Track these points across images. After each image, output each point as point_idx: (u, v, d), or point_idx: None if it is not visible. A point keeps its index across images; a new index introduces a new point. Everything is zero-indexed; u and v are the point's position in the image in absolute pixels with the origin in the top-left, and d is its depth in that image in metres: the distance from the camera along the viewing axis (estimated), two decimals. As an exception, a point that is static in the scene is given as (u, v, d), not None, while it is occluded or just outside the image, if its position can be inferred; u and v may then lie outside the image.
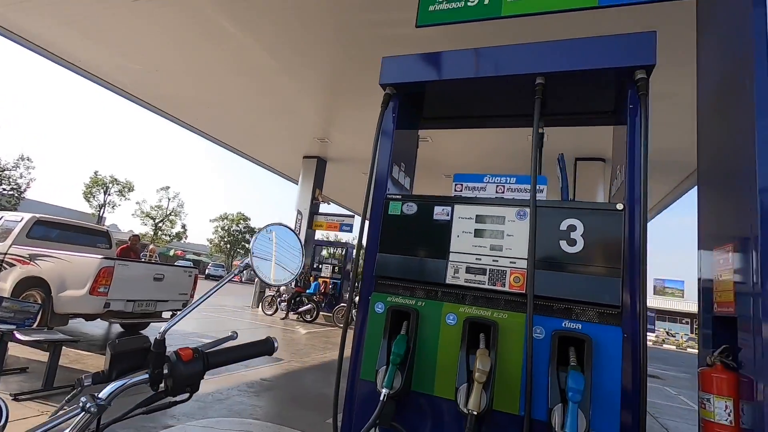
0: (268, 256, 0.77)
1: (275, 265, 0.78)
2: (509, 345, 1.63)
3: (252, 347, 0.76)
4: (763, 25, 1.48)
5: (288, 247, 0.81)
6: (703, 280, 1.86)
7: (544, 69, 1.71)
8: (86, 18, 7.13)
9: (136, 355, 0.69)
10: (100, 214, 41.19)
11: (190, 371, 0.72)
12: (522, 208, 1.73)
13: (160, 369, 0.71)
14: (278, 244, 0.78)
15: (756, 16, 1.47)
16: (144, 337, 0.72)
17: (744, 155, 1.53)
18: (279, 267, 0.79)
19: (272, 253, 0.77)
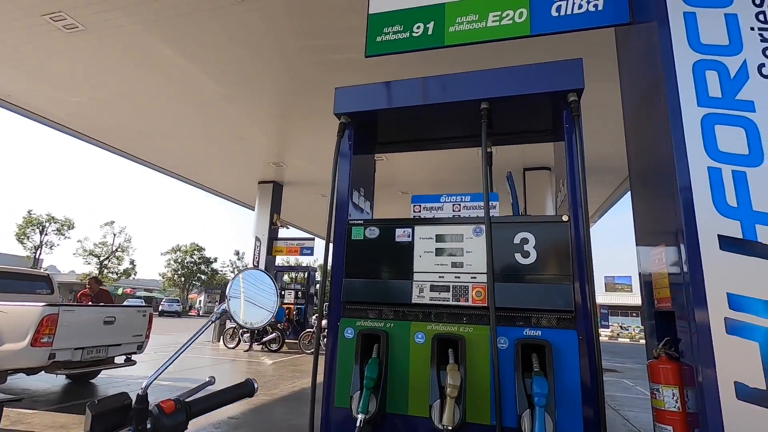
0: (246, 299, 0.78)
1: (251, 306, 0.79)
2: (476, 357, 1.70)
3: (232, 391, 0.76)
4: (669, 52, 1.69)
5: (263, 287, 0.83)
6: (643, 275, 2.03)
7: (488, 95, 1.85)
8: (17, 52, 6.74)
9: (117, 414, 0.68)
10: (36, 256, 38.10)
11: (173, 423, 0.71)
12: (478, 225, 1.83)
13: (144, 425, 0.70)
14: (253, 285, 0.80)
15: (662, 47, 1.68)
16: (124, 393, 0.71)
17: (665, 159, 1.72)
18: (256, 308, 0.81)
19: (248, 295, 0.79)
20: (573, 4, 2.14)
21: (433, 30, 2.33)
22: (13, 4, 5.66)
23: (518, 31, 2.20)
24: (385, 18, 2.44)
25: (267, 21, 5.86)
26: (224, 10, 5.67)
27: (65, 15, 5.79)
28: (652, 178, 1.92)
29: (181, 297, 51.26)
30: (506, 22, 2.22)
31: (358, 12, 5.54)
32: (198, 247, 54.17)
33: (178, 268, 52.97)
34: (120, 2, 5.56)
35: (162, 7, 5.63)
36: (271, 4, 5.49)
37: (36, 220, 38.28)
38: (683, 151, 1.60)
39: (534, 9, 2.19)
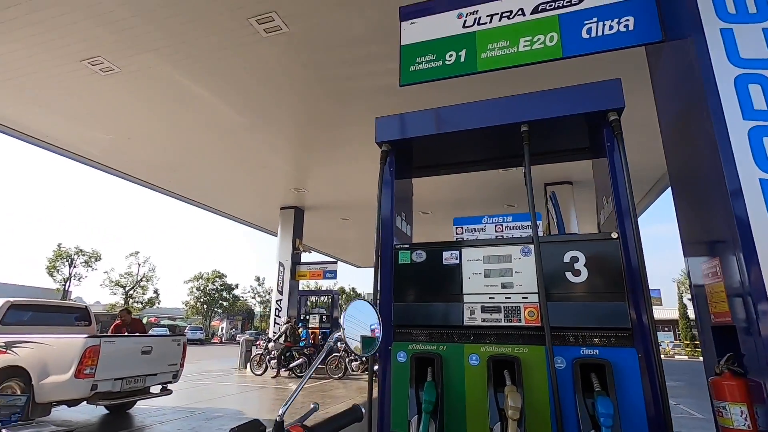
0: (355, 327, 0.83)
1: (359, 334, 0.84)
2: (534, 379, 1.70)
3: (345, 417, 0.80)
4: (708, 68, 1.72)
5: (367, 316, 0.87)
6: (695, 287, 2.00)
7: (528, 117, 1.90)
8: (56, 95, 7.16)
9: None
10: (66, 288, 39.15)
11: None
12: (526, 245, 1.84)
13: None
14: (360, 314, 0.85)
15: (701, 64, 1.71)
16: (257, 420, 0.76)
17: (712, 172, 1.72)
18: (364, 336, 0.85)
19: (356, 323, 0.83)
20: (603, 25, 2.19)
21: (466, 57, 2.41)
22: (53, 53, 6.05)
23: (550, 55, 2.26)
24: (417, 48, 2.54)
25: (287, 55, 6.10)
26: (248, 47, 5.93)
27: (102, 59, 6.15)
28: (698, 191, 1.92)
29: (204, 324, 51.69)
30: (537, 47, 2.29)
31: (377, 41, 5.73)
32: (220, 274, 54.87)
33: (201, 295, 53.63)
34: (152, 45, 5.89)
35: (189, 47, 5.93)
36: (291, 39, 5.73)
37: (65, 253, 39.49)
38: (732, 164, 1.61)
39: (564, 32, 2.25)
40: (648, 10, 2.14)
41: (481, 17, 2.45)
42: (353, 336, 0.83)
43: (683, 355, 29.84)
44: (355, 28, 5.52)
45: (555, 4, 2.33)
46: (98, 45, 5.86)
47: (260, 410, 7.47)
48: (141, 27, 5.50)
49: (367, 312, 0.89)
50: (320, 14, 5.28)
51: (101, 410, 6.55)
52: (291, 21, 5.37)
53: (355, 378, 11.66)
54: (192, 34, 5.63)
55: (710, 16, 1.79)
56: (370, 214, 14.17)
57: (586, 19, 2.23)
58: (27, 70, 6.47)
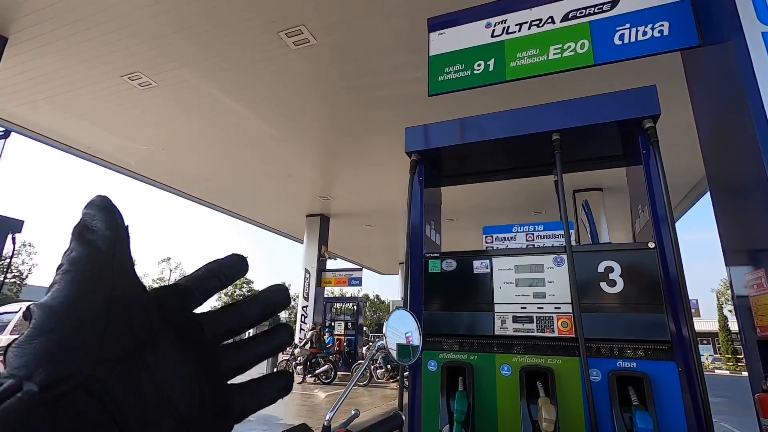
0: (396, 336, 0.85)
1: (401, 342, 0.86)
2: (568, 390, 1.67)
3: (386, 423, 0.82)
4: (750, 72, 1.67)
5: (408, 325, 0.89)
6: (738, 298, 1.92)
7: (560, 126, 1.88)
8: (97, 109, 7.56)
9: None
10: (102, 293, 40.73)
11: None
12: (558, 255, 1.82)
13: None
14: (402, 324, 0.87)
15: (742, 67, 1.67)
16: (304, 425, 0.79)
17: (756, 177, 1.67)
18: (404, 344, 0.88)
19: (398, 332, 0.86)
20: (637, 31, 2.16)
21: (494, 66, 2.42)
22: (96, 69, 6.39)
23: (581, 62, 2.25)
24: (445, 58, 2.56)
25: (316, 66, 6.24)
26: (278, 59, 6.10)
27: (141, 74, 6.45)
28: (740, 198, 1.85)
29: (232, 330, 52.56)
30: (568, 54, 2.27)
31: (403, 50, 5.80)
32: (247, 280, 55.98)
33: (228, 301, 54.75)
34: (187, 60, 6.14)
35: (223, 61, 6.15)
36: (320, 51, 5.86)
37: (102, 259, 41.16)
38: (777, 170, 1.55)
39: (596, 39, 2.23)
40: (684, 15, 2.10)
41: (509, 26, 2.45)
42: (394, 345, 0.85)
43: (724, 369, 28.30)
44: (382, 39, 5.60)
45: (586, 11, 2.31)
46: (138, 61, 6.16)
47: (287, 415, 7.55)
48: (178, 43, 5.75)
49: (406, 321, 0.90)
50: (348, 26, 5.38)
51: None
52: (319, 33, 5.51)
53: (381, 386, 11.63)
54: (225, 48, 5.85)
55: (751, 19, 1.74)
56: (394, 222, 14.20)
57: (618, 26, 2.21)
58: (71, 86, 6.85)
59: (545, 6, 2.41)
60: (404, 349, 0.86)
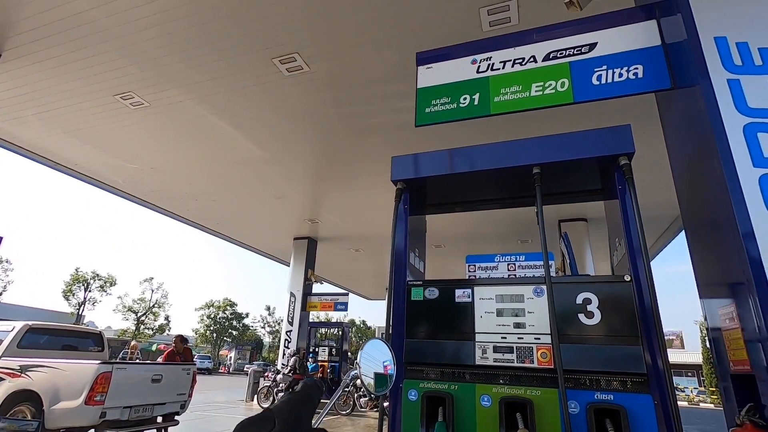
0: (371, 366, 0.86)
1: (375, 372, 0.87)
2: (546, 422, 1.67)
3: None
4: (717, 116, 1.77)
5: (382, 355, 0.90)
6: (712, 330, 1.96)
7: (540, 160, 1.96)
8: (87, 127, 7.54)
9: None
10: (79, 313, 39.49)
11: None
12: (538, 286, 1.86)
13: None
14: (375, 353, 0.88)
15: (710, 112, 1.77)
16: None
17: (724, 217, 1.74)
18: (379, 374, 0.88)
19: (372, 362, 0.86)
20: (613, 72, 2.27)
21: (479, 101, 2.51)
22: (88, 88, 6.42)
23: (561, 99, 2.35)
24: (432, 91, 2.65)
25: (308, 93, 6.36)
26: (271, 85, 6.21)
27: (133, 94, 6.50)
28: (711, 233, 1.92)
29: (213, 353, 51.18)
30: (549, 92, 2.38)
31: (392, 81, 5.96)
32: (230, 302, 54.82)
33: (211, 323, 53.42)
34: (180, 81, 6.21)
35: (216, 84, 6.24)
36: (312, 78, 5.99)
37: (82, 277, 40.09)
38: (744, 209, 1.63)
39: (575, 79, 2.34)
40: (656, 59, 2.22)
41: (494, 63, 2.56)
42: (369, 374, 0.86)
43: (708, 402, 28.23)
44: (373, 69, 5.76)
45: (566, 52, 2.43)
46: (131, 81, 6.21)
47: (266, 446, 7.28)
48: (172, 65, 5.83)
49: (381, 350, 0.91)
50: (340, 56, 5.53)
51: (107, 439, 6.47)
52: (312, 61, 5.64)
53: (363, 415, 11.34)
54: (219, 72, 5.94)
55: (717, 66, 1.86)
56: (382, 247, 14.18)
57: (596, 67, 2.32)
58: (62, 103, 6.85)
59: (528, 46, 2.53)
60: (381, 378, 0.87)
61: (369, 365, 0.86)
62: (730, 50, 1.87)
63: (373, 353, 0.88)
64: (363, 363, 0.86)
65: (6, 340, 5.85)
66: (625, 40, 2.33)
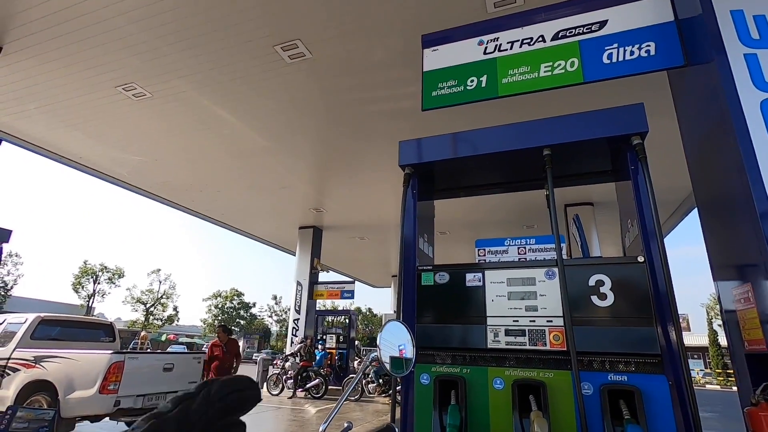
0: (389, 349, 0.86)
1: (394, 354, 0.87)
2: (560, 404, 1.67)
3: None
4: (733, 92, 1.72)
5: (401, 337, 0.90)
6: (726, 312, 1.94)
7: (551, 141, 1.92)
8: (90, 120, 7.53)
9: None
10: (89, 305, 40.04)
11: None
12: (550, 269, 1.84)
13: None
14: (394, 335, 0.88)
15: (726, 88, 1.72)
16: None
17: (741, 194, 1.71)
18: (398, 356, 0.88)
19: (391, 344, 0.86)
20: (624, 50, 2.22)
21: (487, 83, 2.47)
22: (90, 80, 6.39)
23: (571, 80, 2.30)
24: (439, 74, 2.61)
25: (310, 80, 6.30)
26: (273, 72, 6.15)
27: (135, 85, 6.46)
28: (726, 213, 1.89)
29: (222, 343, 51.70)
30: (558, 72, 2.33)
31: (397, 66, 5.88)
32: (237, 292, 55.33)
33: (219, 313, 54.02)
34: (183, 71, 6.17)
35: (218, 73, 6.19)
36: (314, 65, 5.92)
37: (91, 270, 40.53)
38: (761, 186, 1.60)
39: (585, 58, 2.29)
40: (669, 36, 2.17)
41: (501, 44, 2.51)
42: (387, 357, 0.85)
43: (715, 384, 28.36)
44: (377, 54, 5.68)
45: (575, 31, 2.37)
46: (133, 72, 6.17)
47: (277, 431, 7.41)
48: (173, 55, 5.78)
49: (399, 333, 0.91)
50: (342, 41, 5.46)
51: (122, 426, 6.61)
52: (314, 48, 5.57)
53: (371, 401, 11.48)
54: (221, 61, 5.89)
55: (733, 41, 1.81)
56: (387, 235, 14.20)
57: (606, 45, 2.27)
58: (65, 96, 6.84)
59: (536, 25, 2.48)
60: (397, 361, 0.87)
61: (388, 348, 0.86)
62: (747, 24, 1.81)
63: (391, 336, 0.87)
64: (383, 346, 0.85)
65: (19, 332, 5.94)
66: (637, 16, 2.27)
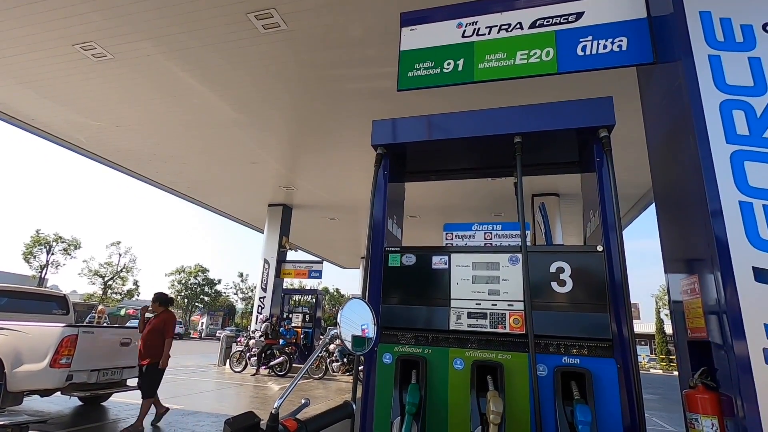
0: (351, 325, 0.85)
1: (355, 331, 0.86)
2: (515, 384, 1.73)
3: (337, 412, 0.82)
4: (696, 91, 1.79)
5: (363, 315, 0.89)
6: (674, 303, 2.06)
7: (522, 129, 1.94)
8: (46, 79, 7.03)
9: (250, 430, 0.74)
10: (42, 276, 38.18)
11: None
12: (514, 254, 1.89)
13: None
14: (355, 313, 0.87)
15: (689, 87, 1.78)
16: (251, 413, 0.77)
17: (695, 192, 1.79)
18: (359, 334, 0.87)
19: (352, 321, 0.85)
20: (598, 44, 2.26)
21: (463, 67, 2.45)
22: (46, 35, 5.94)
23: (545, 69, 2.32)
24: (416, 55, 2.58)
25: (284, 53, 6.10)
26: (245, 42, 5.91)
27: (95, 45, 6.06)
28: (681, 210, 1.98)
29: (184, 319, 50.86)
30: (534, 60, 2.34)
31: (372, 45, 5.77)
32: (202, 268, 54.16)
33: (182, 289, 52.82)
34: (149, 33, 5.82)
35: (187, 38, 5.88)
36: (289, 37, 5.72)
37: (44, 239, 38.52)
38: (714, 185, 1.67)
39: (560, 48, 2.31)
40: (641, 32, 2.22)
41: (480, 28, 2.49)
42: (347, 335, 0.85)
43: (658, 369, 30.43)
44: (354, 30, 5.55)
45: (553, 20, 2.39)
46: (93, 30, 5.77)
47: (238, 407, 7.39)
48: (138, 14, 5.43)
49: (361, 311, 0.91)
50: (320, 14, 5.29)
51: (75, 402, 6.41)
52: (290, 19, 5.38)
53: (334, 379, 11.62)
54: (190, 25, 5.59)
55: (700, 41, 1.86)
56: (358, 216, 14.17)
57: (581, 37, 2.30)
58: (16, 51, 6.33)
59: (515, 11, 2.47)
60: (359, 339, 0.87)
61: (348, 326, 0.85)
62: (714, 25, 1.87)
63: (352, 314, 0.87)
64: (343, 323, 0.84)
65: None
66: (612, 10, 2.30)
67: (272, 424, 0.76)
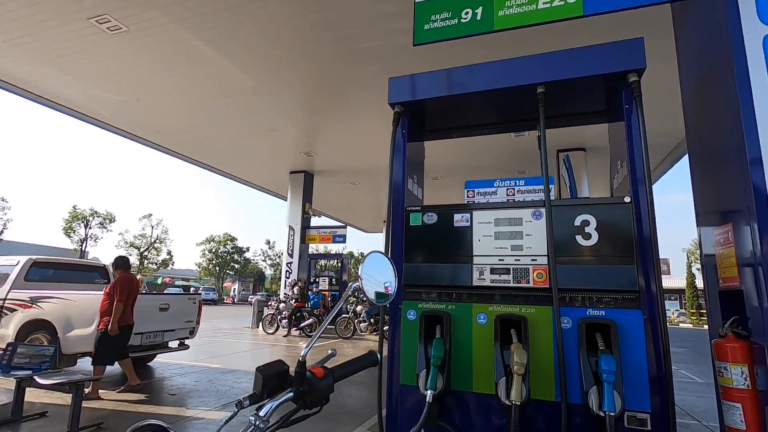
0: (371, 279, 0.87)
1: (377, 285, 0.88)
2: (539, 337, 1.75)
3: (362, 360, 0.86)
4: (737, 27, 1.65)
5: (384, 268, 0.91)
6: (706, 256, 2.00)
7: (545, 78, 1.86)
8: (65, 55, 7.11)
9: (279, 377, 0.79)
10: (82, 249, 40.25)
11: (325, 386, 0.82)
12: (537, 209, 1.86)
13: (303, 387, 0.81)
14: (377, 266, 0.88)
15: (729, 22, 1.64)
16: (281, 361, 0.82)
17: (732, 136, 1.69)
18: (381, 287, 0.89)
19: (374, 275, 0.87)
20: (628, -20, 2.08)
21: (482, 15, 2.32)
22: (60, 10, 5.95)
23: (570, 12, 2.17)
24: (432, 5, 2.45)
25: (298, 14, 5.93)
26: (259, 5, 5.77)
27: (109, 17, 6.04)
28: (716, 158, 1.89)
29: (217, 285, 53.12)
30: (557, 4, 2.19)
31: (386, 0, 5.53)
32: (231, 237, 55.82)
33: (213, 257, 54.82)
34: (158, 2, 5.75)
35: (197, 4, 5.78)
36: (303, -4, 5.55)
37: (80, 214, 40.31)
38: (754, 127, 1.57)
39: (587, -12, 2.15)
40: (677, -36, 2.03)
41: (499, -28, 2.34)
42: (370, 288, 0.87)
43: (688, 323, 30.15)
44: (367, -15, 5.32)
45: (578, -42, 2.21)
46: (105, 2, 5.74)
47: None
48: (147, -17, 5.35)
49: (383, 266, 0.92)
50: (331, -31, 5.08)
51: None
52: (300, -23, 5.19)
53: (363, 338, 12.05)
54: (199, -10, 5.48)
55: (743, -30, 1.70)
56: (379, 180, 14.14)
57: (610, -26, 2.12)
58: (35, 28, 6.39)
59: (537, -49, 2.30)
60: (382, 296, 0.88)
61: (370, 280, 0.87)
62: (760, -49, 1.69)
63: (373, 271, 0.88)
64: (364, 276, 0.86)
65: (12, 274, 6.00)
66: (645, -59, 2.11)
67: (300, 371, 0.80)
